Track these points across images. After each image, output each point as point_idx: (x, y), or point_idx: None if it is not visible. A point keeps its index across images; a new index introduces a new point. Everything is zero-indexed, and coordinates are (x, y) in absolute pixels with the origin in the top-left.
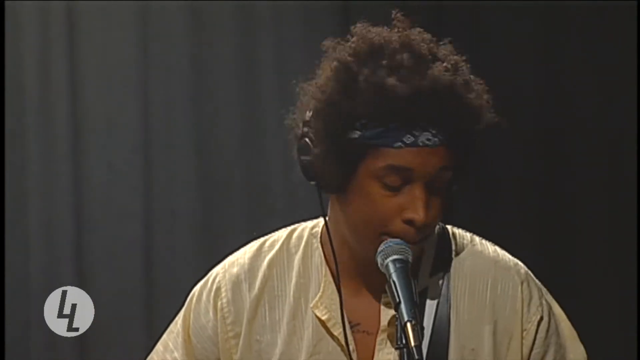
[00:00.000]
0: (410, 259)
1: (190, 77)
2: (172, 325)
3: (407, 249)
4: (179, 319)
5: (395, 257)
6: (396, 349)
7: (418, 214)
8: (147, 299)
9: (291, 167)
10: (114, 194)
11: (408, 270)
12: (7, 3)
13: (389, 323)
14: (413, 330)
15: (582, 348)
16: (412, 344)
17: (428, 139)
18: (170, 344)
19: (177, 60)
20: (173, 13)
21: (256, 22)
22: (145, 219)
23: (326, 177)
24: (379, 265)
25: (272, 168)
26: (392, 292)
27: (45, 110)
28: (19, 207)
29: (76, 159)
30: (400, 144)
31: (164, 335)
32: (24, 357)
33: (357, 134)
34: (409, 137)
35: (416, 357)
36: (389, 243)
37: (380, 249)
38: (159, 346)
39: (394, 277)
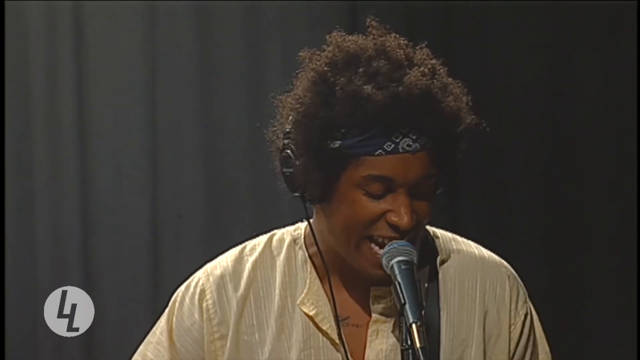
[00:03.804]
0: (415, 260)
1: (197, 79)
2: (149, 336)
3: (412, 250)
4: (159, 326)
5: (400, 258)
6: (402, 350)
7: (402, 220)
8: (154, 302)
9: None
10: (121, 197)
11: (413, 272)
12: (13, 3)
13: (383, 314)
14: (418, 331)
15: (547, 348)
16: (418, 345)
17: (408, 145)
18: (149, 354)
19: (185, 62)
20: (180, 15)
21: (263, 24)
22: (152, 222)
23: (309, 188)
24: (384, 266)
25: (277, 173)
26: (397, 294)
27: (52, 113)
28: (26, 209)
29: (83, 161)
30: (380, 151)
31: (141, 347)
32: (30, 359)
33: (337, 144)
34: (389, 145)
35: (422, 358)
36: (393, 244)
37: (385, 250)
38: (137, 357)
39: (399, 278)
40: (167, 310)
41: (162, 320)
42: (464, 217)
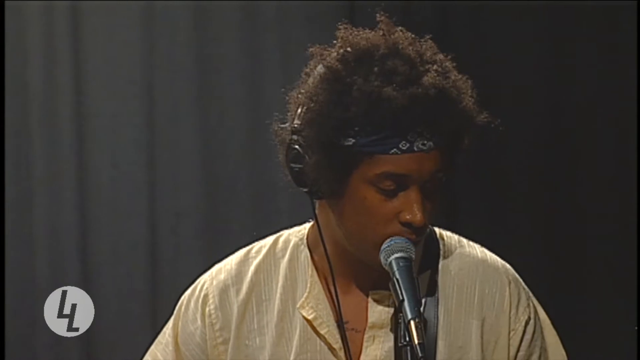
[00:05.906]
0: (413, 256)
1: (195, 76)
2: (160, 336)
3: (410, 246)
4: (168, 328)
5: (398, 254)
6: (400, 346)
7: (415, 216)
8: (151, 299)
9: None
10: (119, 193)
11: (412, 268)
12: (12, 3)
13: (392, 319)
14: (417, 328)
15: (563, 352)
16: (416, 341)
17: (423, 144)
18: (159, 355)
19: (182, 59)
20: (178, 12)
21: (261, 21)
22: (150, 219)
23: (319, 185)
24: (382, 263)
25: (277, 168)
26: (395, 290)
27: (49, 110)
28: (23, 206)
29: (81, 159)
30: (395, 150)
31: (152, 347)
32: (29, 357)
33: (351, 142)
34: (404, 144)
35: (420, 354)
36: (392, 241)
37: (383, 247)
38: (147, 357)
39: (397, 275)
40: (175, 311)
41: (170, 322)
42: (464, 216)
